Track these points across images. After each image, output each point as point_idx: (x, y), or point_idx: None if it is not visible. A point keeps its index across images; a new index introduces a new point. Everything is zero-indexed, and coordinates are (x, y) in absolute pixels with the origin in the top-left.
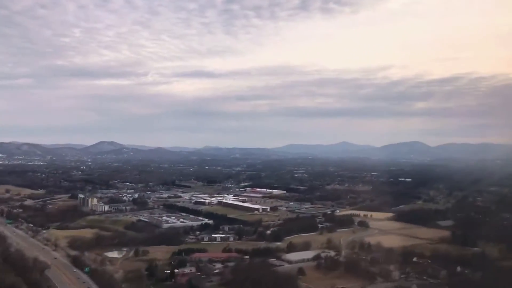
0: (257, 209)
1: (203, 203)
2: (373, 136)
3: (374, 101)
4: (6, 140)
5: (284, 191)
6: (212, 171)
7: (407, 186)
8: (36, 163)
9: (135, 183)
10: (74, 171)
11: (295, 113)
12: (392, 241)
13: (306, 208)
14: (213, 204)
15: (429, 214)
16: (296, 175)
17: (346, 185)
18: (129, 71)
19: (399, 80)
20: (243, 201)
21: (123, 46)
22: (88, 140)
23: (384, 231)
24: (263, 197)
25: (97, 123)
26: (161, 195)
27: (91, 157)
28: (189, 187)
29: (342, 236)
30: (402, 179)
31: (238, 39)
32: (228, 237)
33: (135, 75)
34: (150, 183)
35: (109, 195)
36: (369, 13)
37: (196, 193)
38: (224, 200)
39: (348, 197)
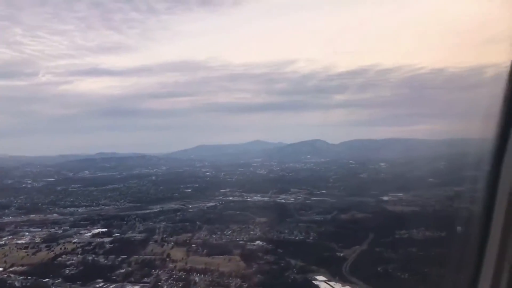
0: None
1: None
2: (286, 133)
3: (291, 95)
4: None
5: None
6: None
7: None
8: None
9: None
10: None
11: (215, 109)
12: None
13: None
14: None
15: None
16: None
17: None
18: (16, 71)
19: (309, 74)
20: None
21: None
22: None
23: None
24: None
25: None
26: None
27: None
28: None
29: None
30: None
31: (126, 35)
32: None
33: (25, 75)
34: None
35: None
36: (252, 6)
37: None
38: None
39: None
